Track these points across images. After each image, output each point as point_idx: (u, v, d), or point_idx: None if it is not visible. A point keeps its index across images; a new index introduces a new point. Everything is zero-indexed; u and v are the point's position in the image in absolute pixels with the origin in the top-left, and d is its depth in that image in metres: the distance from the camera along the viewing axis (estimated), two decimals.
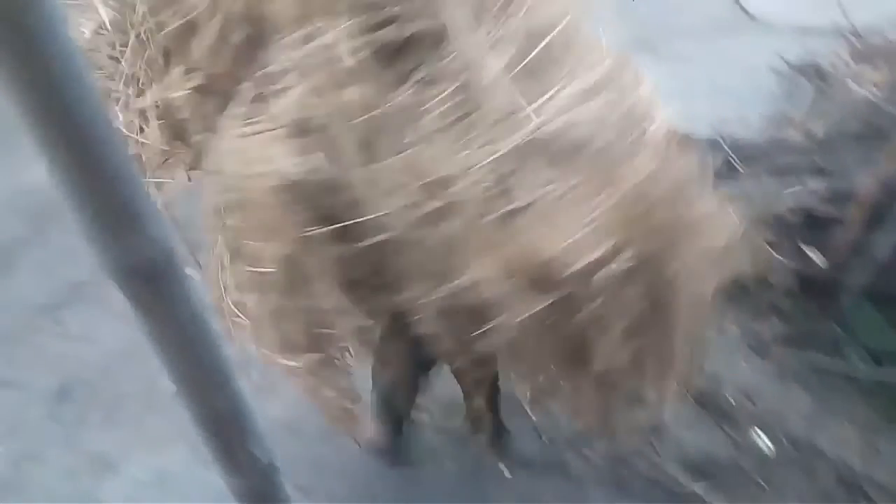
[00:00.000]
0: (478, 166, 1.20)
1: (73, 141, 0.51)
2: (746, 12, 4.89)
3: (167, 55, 1.38)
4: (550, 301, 1.23)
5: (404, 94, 1.20)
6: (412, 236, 1.23)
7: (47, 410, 2.81)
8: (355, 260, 1.28)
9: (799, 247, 2.81)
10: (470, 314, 1.27)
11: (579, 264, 1.18)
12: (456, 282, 1.23)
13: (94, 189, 0.55)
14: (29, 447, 2.69)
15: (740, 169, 3.16)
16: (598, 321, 1.31)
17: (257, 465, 0.82)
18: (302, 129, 1.20)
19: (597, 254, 1.20)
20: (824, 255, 2.77)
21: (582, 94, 1.35)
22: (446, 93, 1.22)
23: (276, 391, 2.50)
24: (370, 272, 1.34)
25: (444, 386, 2.15)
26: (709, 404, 2.65)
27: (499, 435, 2.44)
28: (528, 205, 1.24)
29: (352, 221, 1.22)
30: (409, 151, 1.20)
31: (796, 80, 3.91)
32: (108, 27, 1.43)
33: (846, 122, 3.33)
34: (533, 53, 1.31)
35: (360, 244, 1.24)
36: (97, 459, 2.63)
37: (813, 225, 2.85)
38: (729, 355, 2.79)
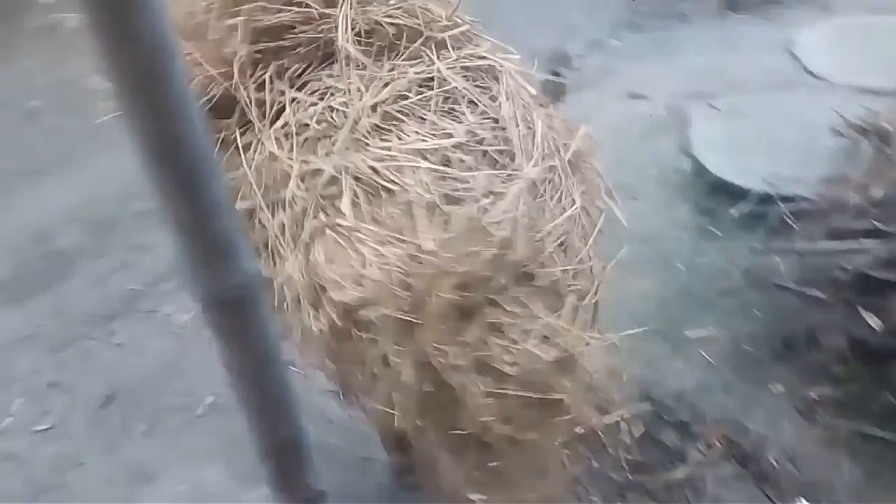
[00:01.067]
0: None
1: (182, 175, 0.55)
2: (806, 68, 4.85)
3: None
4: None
5: None
6: None
7: (92, 416, 2.88)
8: None
9: (853, 309, 2.73)
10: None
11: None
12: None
13: (195, 220, 0.58)
14: (71, 451, 2.76)
15: (795, 227, 3.11)
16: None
17: (310, 491, 0.83)
18: None
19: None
20: (880, 319, 2.69)
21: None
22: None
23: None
24: None
25: None
26: (751, 465, 2.57)
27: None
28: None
29: None
30: None
31: (855, 140, 3.84)
32: None
33: None
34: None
35: None
36: (136, 469, 2.67)
37: (869, 287, 2.77)
38: (774, 416, 2.71)
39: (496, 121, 1.50)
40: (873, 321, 2.69)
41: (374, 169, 1.22)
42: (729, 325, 3.03)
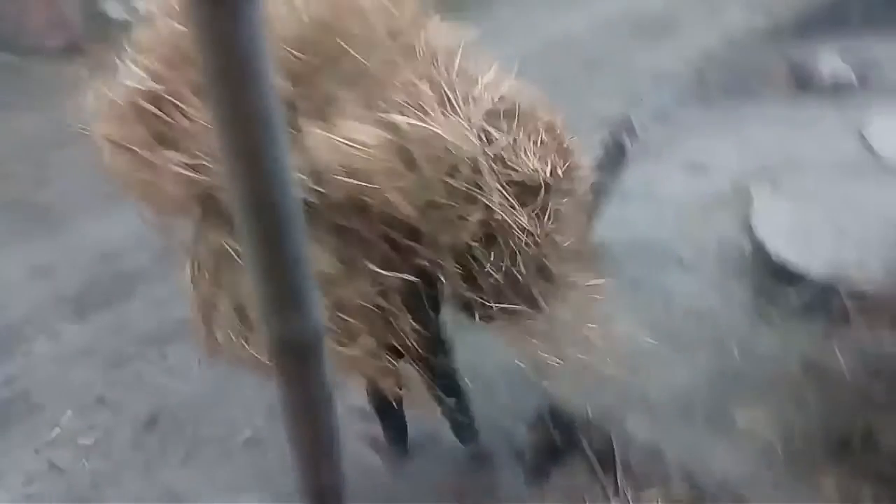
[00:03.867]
0: None
1: (271, 232, 0.60)
2: (876, 155, 4.75)
3: None
4: None
5: None
6: None
7: (133, 436, 2.95)
8: None
9: None
10: None
11: None
12: None
13: (276, 271, 0.62)
14: (110, 468, 2.82)
15: (857, 318, 3.00)
16: None
17: None
18: None
19: None
20: None
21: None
22: None
23: None
24: None
25: None
26: None
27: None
28: None
29: None
30: None
31: None
32: None
33: None
34: None
35: None
36: (169, 494, 2.71)
37: None
38: None
39: None
40: None
41: None
42: (781, 415, 2.91)
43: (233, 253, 1.73)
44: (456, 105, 1.73)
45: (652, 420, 2.92)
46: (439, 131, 1.63)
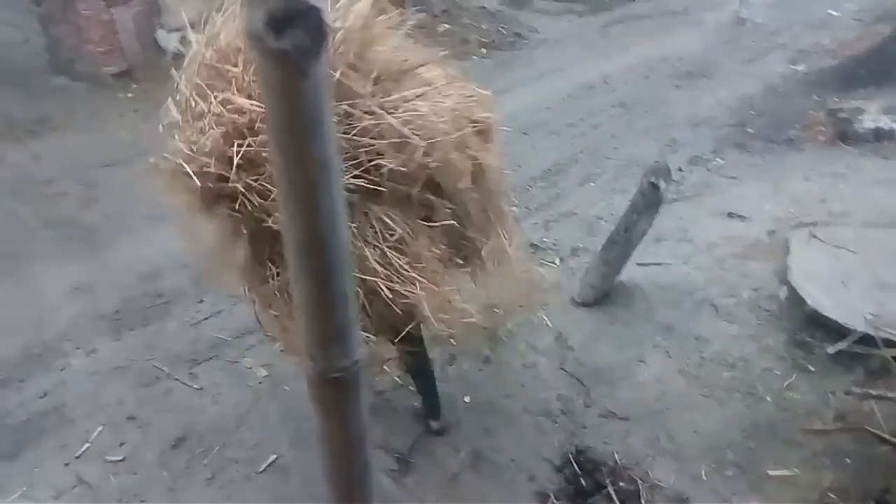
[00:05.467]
0: None
1: (320, 269, 0.63)
2: None
3: None
4: None
5: None
6: None
7: (161, 455, 2.98)
8: None
9: None
10: None
11: None
12: None
13: (323, 307, 0.65)
14: (136, 486, 2.85)
15: (894, 370, 2.92)
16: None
17: None
18: None
19: None
20: None
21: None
22: None
23: None
24: None
25: None
26: None
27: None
28: None
29: None
30: None
31: None
32: None
33: None
34: None
35: None
36: None
37: None
38: None
39: None
40: None
41: None
42: (815, 469, 2.84)
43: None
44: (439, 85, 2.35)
45: (680, 467, 2.87)
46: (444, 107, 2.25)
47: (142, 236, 4.29)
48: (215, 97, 2.00)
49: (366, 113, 2.05)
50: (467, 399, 3.24)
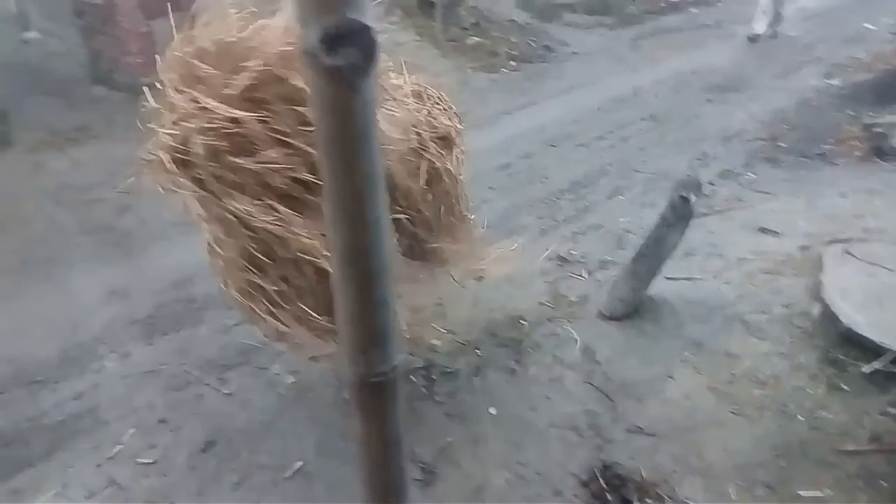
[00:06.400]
0: None
1: (363, 276, 0.65)
2: None
3: None
4: None
5: None
6: None
7: (191, 458, 3.03)
8: None
9: None
10: None
11: None
12: None
13: (364, 313, 0.67)
14: (166, 488, 2.90)
15: None
16: None
17: None
18: None
19: None
20: None
21: None
22: None
23: None
24: None
25: None
26: None
27: None
28: None
29: None
30: None
31: None
32: None
33: None
34: None
35: None
36: None
37: None
38: None
39: None
40: None
41: None
42: (848, 491, 2.77)
43: None
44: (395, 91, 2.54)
45: (708, 486, 2.83)
46: (396, 111, 2.40)
47: (175, 243, 4.39)
48: (186, 93, 2.21)
49: None
50: (493, 411, 3.23)
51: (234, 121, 2.14)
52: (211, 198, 2.26)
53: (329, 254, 0.65)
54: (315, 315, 2.41)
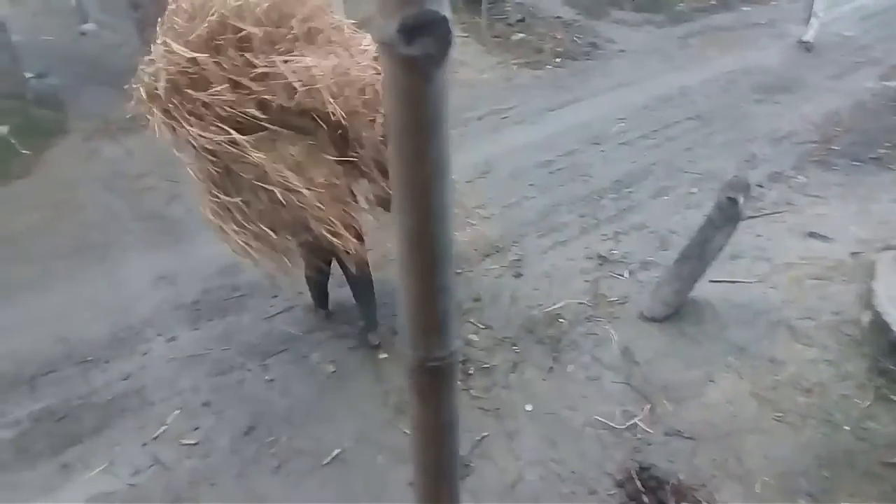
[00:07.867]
0: None
1: (427, 262, 0.66)
2: None
3: None
4: None
5: None
6: None
7: (233, 441, 3.11)
8: None
9: None
10: None
11: None
12: None
13: (426, 299, 0.69)
14: (208, 470, 2.98)
15: None
16: None
17: None
18: None
19: None
20: None
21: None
22: None
23: None
24: None
25: None
26: None
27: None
28: None
29: None
30: None
31: None
32: None
33: None
34: None
35: None
36: (259, 500, 2.84)
37: None
38: None
39: None
40: None
41: None
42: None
43: None
44: (354, 52, 2.87)
45: (747, 492, 2.79)
46: (353, 68, 2.78)
47: None
48: (162, 42, 2.77)
49: (267, 63, 2.68)
50: (529, 407, 3.23)
51: (193, 62, 2.65)
52: (175, 124, 2.73)
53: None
54: (271, 232, 2.86)
